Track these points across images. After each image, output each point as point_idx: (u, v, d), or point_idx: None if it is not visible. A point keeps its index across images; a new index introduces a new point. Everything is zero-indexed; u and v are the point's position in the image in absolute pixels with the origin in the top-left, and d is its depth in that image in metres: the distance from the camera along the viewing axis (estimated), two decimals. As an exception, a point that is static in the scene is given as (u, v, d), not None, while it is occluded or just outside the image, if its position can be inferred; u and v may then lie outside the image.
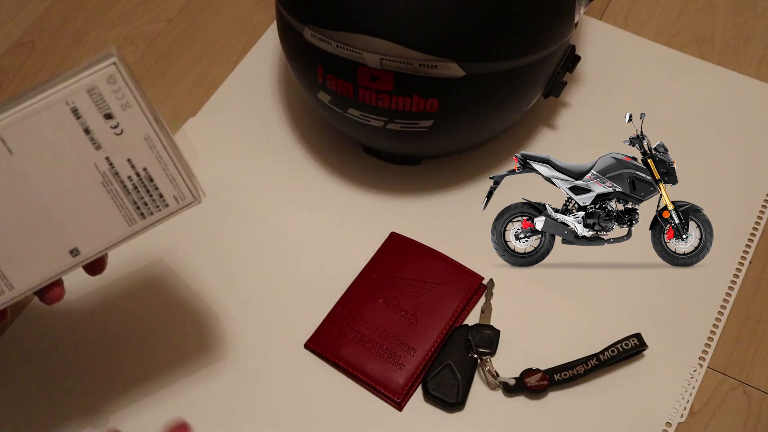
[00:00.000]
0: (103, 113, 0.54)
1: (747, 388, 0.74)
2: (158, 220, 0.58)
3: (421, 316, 0.75)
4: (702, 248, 0.80)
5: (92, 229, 0.56)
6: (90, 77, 0.53)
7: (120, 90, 0.54)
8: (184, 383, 0.73)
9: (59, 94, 0.53)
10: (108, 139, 0.54)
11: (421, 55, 0.69)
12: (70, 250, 0.56)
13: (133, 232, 0.58)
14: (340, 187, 0.84)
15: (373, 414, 0.72)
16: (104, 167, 0.55)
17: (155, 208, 0.57)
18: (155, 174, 0.56)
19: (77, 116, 0.53)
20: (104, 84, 0.53)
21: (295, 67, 0.80)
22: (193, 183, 0.58)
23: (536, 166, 0.80)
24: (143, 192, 0.57)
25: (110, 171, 0.55)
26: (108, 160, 0.55)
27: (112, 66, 0.53)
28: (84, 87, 0.53)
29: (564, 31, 0.77)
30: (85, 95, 0.53)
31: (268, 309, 0.77)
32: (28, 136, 0.53)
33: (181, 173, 0.57)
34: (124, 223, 0.57)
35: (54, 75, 0.55)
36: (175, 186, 0.57)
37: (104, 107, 0.54)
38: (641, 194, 0.80)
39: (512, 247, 0.80)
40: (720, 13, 0.97)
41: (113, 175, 0.55)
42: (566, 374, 0.72)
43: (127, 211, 0.57)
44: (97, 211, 0.56)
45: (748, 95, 0.90)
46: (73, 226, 0.56)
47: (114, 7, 0.98)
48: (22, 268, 0.55)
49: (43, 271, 0.56)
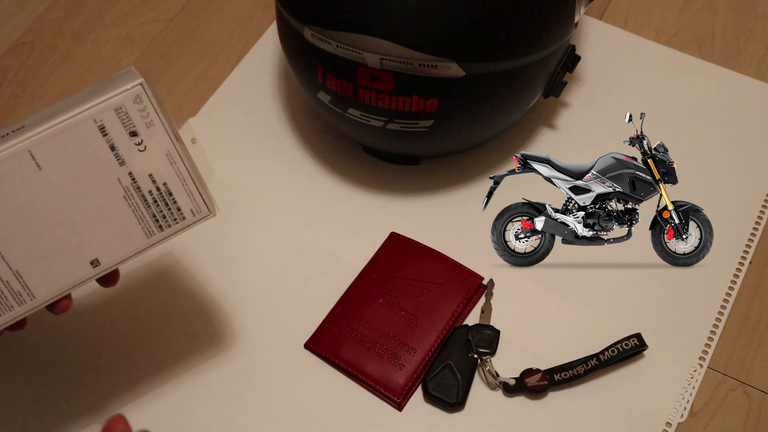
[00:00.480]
0: (129, 131, 0.56)
1: (747, 388, 0.74)
2: (175, 232, 0.60)
3: (421, 316, 0.75)
4: (702, 248, 0.80)
5: (112, 240, 0.58)
6: (118, 96, 0.55)
7: (145, 109, 0.56)
8: (184, 383, 0.73)
9: (88, 112, 0.55)
10: (132, 156, 0.57)
11: (421, 55, 0.69)
12: (91, 261, 0.58)
13: (151, 243, 0.60)
14: (340, 187, 0.84)
15: (373, 414, 0.72)
16: (127, 182, 0.57)
17: (173, 221, 0.60)
18: (174, 189, 0.59)
19: (104, 133, 0.55)
20: (131, 103, 0.55)
21: (295, 67, 0.80)
22: (208, 197, 0.60)
23: (536, 166, 0.80)
24: (162, 206, 0.59)
25: (132, 186, 0.57)
26: (131, 176, 0.57)
27: (139, 86, 0.55)
28: (112, 106, 0.55)
29: (564, 31, 0.77)
30: (112, 113, 0.55)
31: (268, 309, 0.77)
32: (57, 152, 0.55)
33: (198, 188, 0.59)
34: (143, 235, 0.59)
35: (81, 91, 0.57)
36: (193, 200, 0.59)
37: (130, 125, 0.56)
38: (641, 194, 0.80)
39: (512, 247, 0.80)
40: (720, 13, 0.97)
41: (135, 189, 0.57)
42: (566, 374, 0.72)
43: (146, 223, 0.59)
44: (118, 223, 0.58)
45: (748, 95, 0.90)
46: (95, 237, 0.58)
47: (114, 7, 0.98)
48: (44, 278, 0.57)
49: (63, 282, 0.58)
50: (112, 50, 0.95)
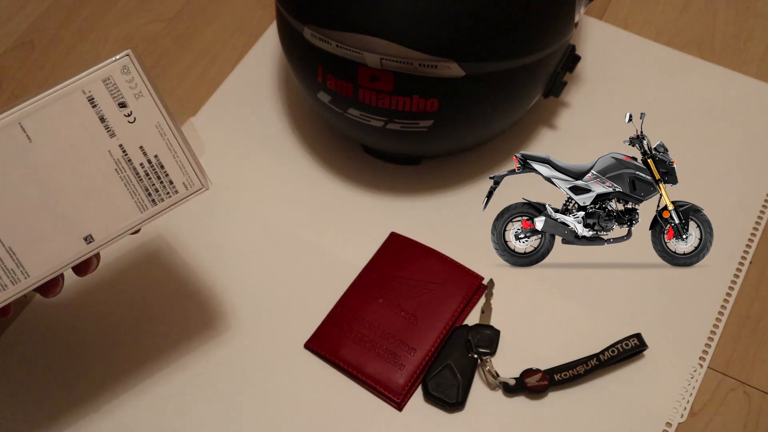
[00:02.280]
0: (118, 102, 0.56)
1: (747, 388, 0.74)
2: (168, 206, 0.60)
3: (421, 316, 0.75)
4: (702, 248, 0.80)
5: (105, 215, 0.58)
6: (106, 68, 0.55)
7: (133, 80, 0.56)
8: (183, 382, 0.73)
9: (76, 83, 0.55)
10: (122, 127, 0.56)
11: (421, 55, 0.69)
12: (84, 237, 0.58)
13: (144, 219, 0.59)
14: (340, 187, 0.84)
15: (373, 414, 0.72)
16: (118, 154, 0.57)
17: (165, 194, 0.59)
18: (166, 161, 0.58)
19: (93, 105, 0.55)
20: (119, 74, 0.55)
21: (295, 67, 0.80)
22: (201, 170, 0.60)
23: (536, 166, 0.80)
24: (154, 178, 0.58)
25: (123, 158, 0.57)
26: (121, 147, 0.57)
27: (126, 57, 0.56)
28: (100, 77, 0.55)
29: (564, 31, 0.77)
30: (100, 84, 0.55)
31: (268, 309, 0.77)
32: (47, 124, 0.55)
33: (190, 160, 0.59)
34: (137, 210, 0.59)
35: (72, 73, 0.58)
36: (185, 173, 0.59)
37: (118, 96, 0.56)
38: (641, 194, 0.80)
39: (512, 247, 0.80)
40: (720, 13, 0.97)
41: (126, 162, 0.57)
42: (566, 374, 0.72)
43: (139, 197, 0.58)
44: (110, 197, 0.58)
45: (748, 95, 0.90)
46: (87, 213, 0.57)
47: (114, 7, 0.98)
48: (37, 256, 0.56)
49: (57, 259, 0.57)
50: (112, 50, 0.95)
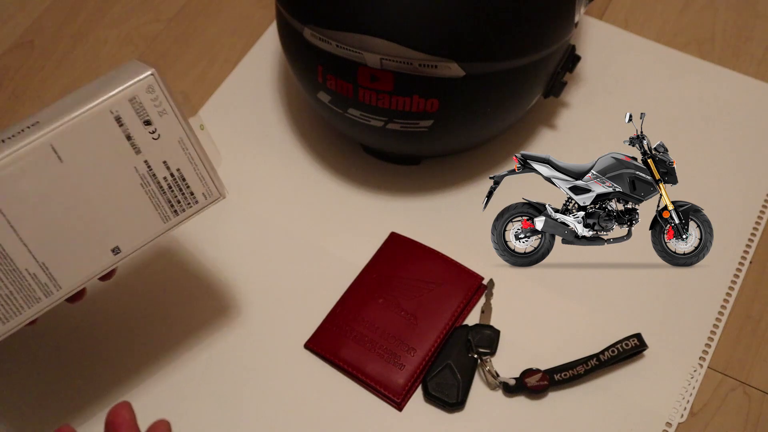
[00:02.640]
0: (143, 120, 0.58)
1: (747, 388, 0.74)
2: (189, 216, 0.62)
3: (421, 316, 0.75)
4: (702, 248, 0.80)
5: (132, 227, 0.60)
6: (132, 87, 0.57)
7: (158, 98, 0.58)
8: (183, 382, 0.73)
9: (104, 104, 0.57)
10: (147, 144, 0.58)
11: (421, 55, 0.69)
12: (112, 249, 0.60)
13: (167, 228, 0.62)
14: (340, 187, 0.84)
15: (373, 414, 0.72)
16: (143, 170, 0.59)
17: (186, 205, 0.62)
18: (187, 174, 0.61)
19: (120, 124, 0.58)
20: (144, 93, 0.57)
21: (295, 67, 0.80)
22: (218, 180, 0.62)
23: (536, 166, 0.80)
24: (177, 191, 0.61)
25: (148, 173, 0.59)
26: (146, 163, 0.59)
27: (151, 77, 0.57)
28: (126, 96, 0.57)
29: (564, 31, 0.77)
30: (127, 104, 0.57)
31: (268, 309, 0.77)
32: (77, 144, 0.57)
33: (209, 172, 0.62)
34: (160, 221, 0.61)
35: (88, 84, 0.59)
36: (204, 184, 0.62)
37: (144, 114, 0.58)
38: (641, 194, 0.80)
39: (512, 247, 0.80)
40: (720, 13, 0.97)
41: (151, 176, 0.59)
42: (566, 374, 0.72)
43: (162, 209, 0.61)
44: (136, 210, 0.60)
45: (748, 95, 0.90)
46: (115, 225, 0.60)
47: (114, 7, 0.98)
48: (68, 268, 0.59)
49: (87, 271, 0.60)
50: (112, 50, 0.95)
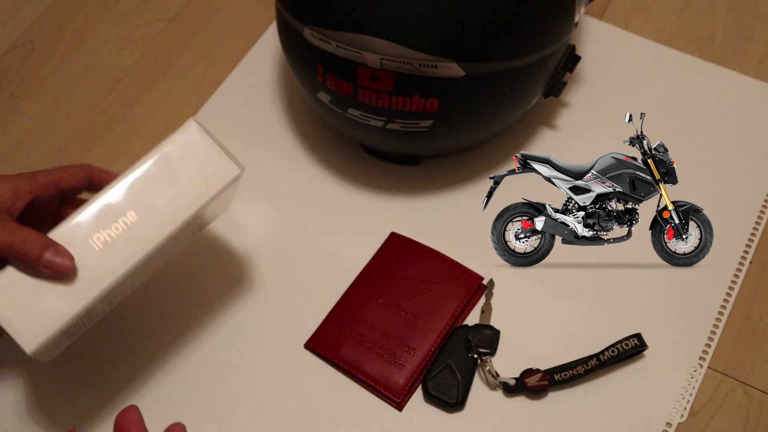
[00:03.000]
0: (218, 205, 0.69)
1: (747, 388, 0.74)
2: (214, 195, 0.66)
3: (421, 316, 0.75)
4: (702, 248, 0.80)
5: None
6: (222, 190, 0.65)
7: (234, 188, 0.68)
8: (183, 382, 0.73)
9: (198, 210, 0.64)
10: (206, 210, 0.67)
11: (421, 55, 0.69)
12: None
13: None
14: (340, 187, 0.84)
15: (373, 414, 0.72)
16: (198, 222, 0.69)
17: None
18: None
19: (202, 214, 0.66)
20: (230, 189, 0.67)
21: (295, 67, 0.80)
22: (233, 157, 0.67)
23: (536, 166, 0.80)
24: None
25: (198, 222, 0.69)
26: (201, 216, 0.67)
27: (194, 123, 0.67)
28: (214, 196, 0.65)
29: (564, 31, 0.77)
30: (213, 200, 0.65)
31: (268, 309, 0.77)
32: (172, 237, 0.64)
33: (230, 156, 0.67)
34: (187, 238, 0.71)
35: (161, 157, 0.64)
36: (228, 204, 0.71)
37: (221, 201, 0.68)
38: (641, 194, 0.80)
39: (512, 247, 0.80)
40: (720, 13, 0.97)
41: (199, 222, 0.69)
42: (566, 374, 0.72)
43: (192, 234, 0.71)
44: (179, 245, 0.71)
45: (748, 95, 0.90)
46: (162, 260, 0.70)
47: (114, 7, 0.98)
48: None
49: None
50: (112, 50, 0.95)
